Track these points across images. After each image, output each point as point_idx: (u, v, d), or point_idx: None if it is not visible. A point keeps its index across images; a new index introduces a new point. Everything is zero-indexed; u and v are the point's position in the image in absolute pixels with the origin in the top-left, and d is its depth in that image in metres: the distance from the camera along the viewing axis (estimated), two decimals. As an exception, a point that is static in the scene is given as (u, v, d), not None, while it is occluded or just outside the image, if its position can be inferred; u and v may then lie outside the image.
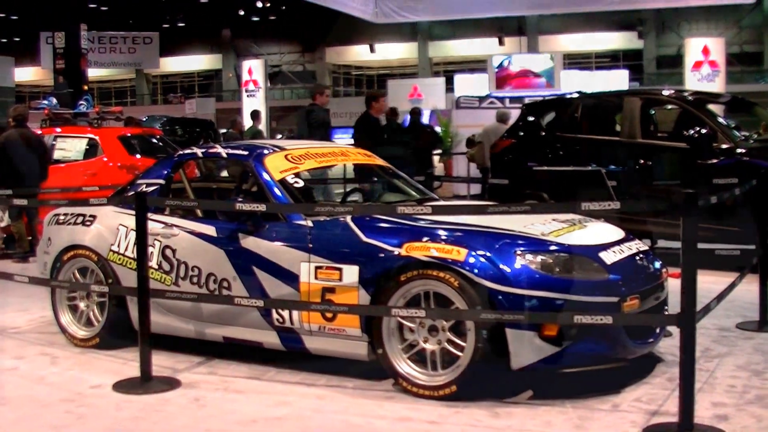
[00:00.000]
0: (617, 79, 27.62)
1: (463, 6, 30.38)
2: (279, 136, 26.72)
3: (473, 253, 4.96)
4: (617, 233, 5.77)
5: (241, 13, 46.97)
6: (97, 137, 12.52)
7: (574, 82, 25.71)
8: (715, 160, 9.07)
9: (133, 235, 5.98)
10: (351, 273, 5.27)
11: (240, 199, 5.81)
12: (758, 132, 11.53)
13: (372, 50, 48.88)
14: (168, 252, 6.06)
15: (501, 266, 4.90)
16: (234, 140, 15.18)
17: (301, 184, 6.03)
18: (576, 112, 10.76)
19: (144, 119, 20.09)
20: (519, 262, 4.93)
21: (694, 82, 21.90)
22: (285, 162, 6.12)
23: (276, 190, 5.85)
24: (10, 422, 4.91)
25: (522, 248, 5.03)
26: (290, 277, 5.47)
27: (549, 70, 26.89)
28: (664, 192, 9.11)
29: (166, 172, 6.59)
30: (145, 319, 5.55)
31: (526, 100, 16.08)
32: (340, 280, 5.30)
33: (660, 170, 9.65)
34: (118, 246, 6.30)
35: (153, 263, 6.03)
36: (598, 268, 5.10)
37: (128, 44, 48.78)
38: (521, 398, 5.06)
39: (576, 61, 42.71)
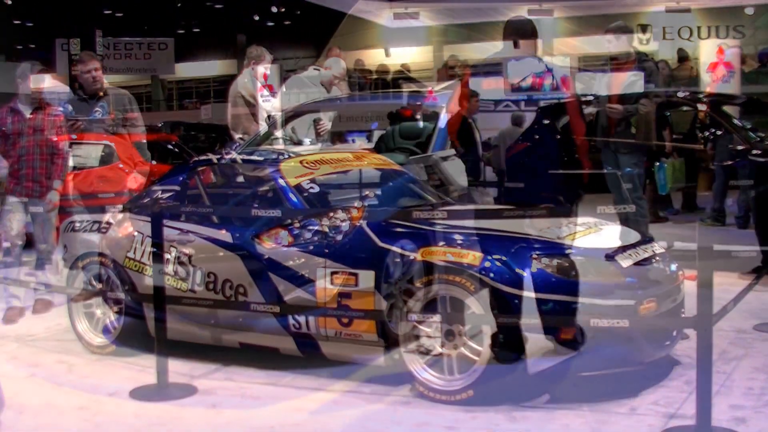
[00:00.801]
0: (633, 81, 27.50)
1: (479, 8, 30.27)
2: (288, 140, 26.63)
3: (489, 257, 4.95)
4: (633, 236, 5.75)
5: (256, 18, 46.98)
6: (112, 144, 12.54)
7: (589, 84, 25.55)
8: (730, 162, 9.03)
9: (148, 242, 5.99)
10: (367, 278, 5.26)
11: (255, 205, 5.82)
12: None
13: (387, 54, 48.91)
14: (184, 258, 6.07)
15: (517, 270, 4.89)
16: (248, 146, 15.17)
17: (316, 189, 6.02)
18: (591, 115, 10.72)
19: (160, 125, 20.14)
20: (535, 266, 4.91)
21: (709, 83, 21.76)
22: (300, 168, 6.13)
23: (291, 196, 5.86)
24: (27, 430, 4.93)
25: (538, 252, 5.01)
26: (306, 283, 5.48)
27: (564, 73, 26.78)
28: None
29: (181, 178, 6.61)
30: (161, 326, 5.57)
31: (541, 103, 16.01)
32: (356, 285, 5.29)
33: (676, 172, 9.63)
34: (134, 253, 6.30)
35: (169, 270, 6.04)
36: (615, 272, 5.08)
37: (143, 50, 48.58)
38: (538, 402, 5.05)
39: (591, 63, 42.58)
